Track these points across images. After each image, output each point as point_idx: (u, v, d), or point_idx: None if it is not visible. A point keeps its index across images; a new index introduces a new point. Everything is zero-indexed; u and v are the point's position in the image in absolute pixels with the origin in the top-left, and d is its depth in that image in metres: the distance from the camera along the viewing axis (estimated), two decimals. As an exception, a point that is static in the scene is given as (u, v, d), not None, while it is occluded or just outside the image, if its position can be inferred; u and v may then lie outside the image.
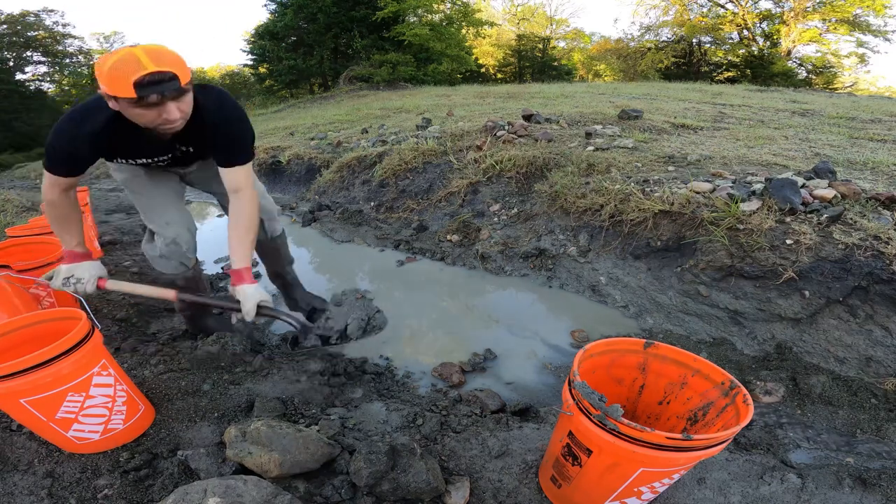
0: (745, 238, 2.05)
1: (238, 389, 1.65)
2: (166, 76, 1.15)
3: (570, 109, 5.30)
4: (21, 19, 24.20)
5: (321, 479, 1.27)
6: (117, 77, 1.13)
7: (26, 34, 24.68)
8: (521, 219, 3.15)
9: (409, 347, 2.10)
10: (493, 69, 27.21)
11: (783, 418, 1.60)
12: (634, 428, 0.89)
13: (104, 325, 2.11)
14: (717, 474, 1.31)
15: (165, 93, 1.17)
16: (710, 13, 20.97)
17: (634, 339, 1.22)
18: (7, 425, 1.42)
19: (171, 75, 1.16)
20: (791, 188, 2.13)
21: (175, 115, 1.24)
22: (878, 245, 1.81)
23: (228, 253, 1.53)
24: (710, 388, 1.12)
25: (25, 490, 1.22)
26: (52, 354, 1.14)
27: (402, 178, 3.99)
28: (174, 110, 1.23)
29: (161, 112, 1.21)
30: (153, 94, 1.15)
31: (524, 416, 1.64)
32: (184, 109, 1.27)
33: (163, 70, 1.14)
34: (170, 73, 1.16)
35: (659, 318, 2.26)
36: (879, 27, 17.75)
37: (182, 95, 1.23)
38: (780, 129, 4.20)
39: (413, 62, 17.00)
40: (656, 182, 2.65)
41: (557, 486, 1.18)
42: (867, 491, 1.27)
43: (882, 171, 2.62)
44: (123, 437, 1.37)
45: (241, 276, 1.51)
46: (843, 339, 1.80)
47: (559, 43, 29.09)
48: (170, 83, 1.17)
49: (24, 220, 3.55)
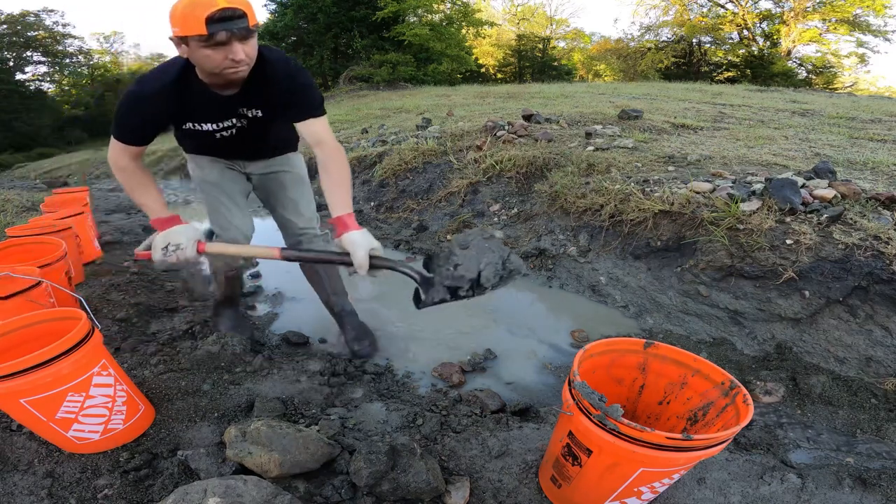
0: (745, 238, 2.05)
1: (238, 389, 1.65)
2: (236, 13, 1.18)
3: (570, 109, 5.30)
4: (21, 19, 24.21)
5: (321, 479, 1.26)
6: (190, 14, 1.17)
7: (26, 34, 24.70)
8: (521, 219, 3.15)
9: (409, 347, 2.10)
10: (493, 69, 27.22)
11: (783, 418, 1.60)
12: (634, 428, 0.89)
13: (104, 325, 2.10)
14: (717, 474, 1.31)
15: (234, 30, 1.19)
16: (710, 13, 20.98)
17: (634, 339, 1.22)
18: (7, 425, 1.42)
19: (240, 12, 1.19)
20: (791, 188, 2.13)
21: (240, 55, 1.24)
22: (878, 245, 1.81)
23: (328, 203, 1.44)
24: (710, 388, 1.12)
25: (25, 490, 1.22)
26: (52, 354, 1.14)
27: (402, 178, 3.99)
28: (240, 51, 1.24)
29: (227, 53, 1.23)
30: (222, 32, 1.18)
31: (524, 416, 1.64)
32: (249, 53, 1.28)
33: (233, 7, 1.18)
34: (239, 10, 1.19)
35: (659, 318, 2.26)
36: (879, 27, 17.78)
37: (249, 37, 1.25)
38: (780, 129, 4.20)
39: (413, 62, 17.01)
40: (656, 182, 2.65)
41: (557, 486, 1.18)
42: (867, 491, 1.27)
43: (882, 171, 2.62)
44: (123, 437, 1.37)
45: (345, 224, 1.37)
46: (843, 339, 1.80)
47: (559, 43, 29.10)
48: (239, 20, 1.19)
49: (24, 220, 3.55)
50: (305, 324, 2.30)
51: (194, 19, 1.16)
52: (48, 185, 7.10)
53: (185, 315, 2.31)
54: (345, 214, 1.40)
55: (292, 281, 2.32)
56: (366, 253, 1.33)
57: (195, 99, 1.41)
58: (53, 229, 2.42)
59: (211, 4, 1.16)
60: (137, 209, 5.00)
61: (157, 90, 1.35)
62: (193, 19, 1.17)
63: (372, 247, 1.35)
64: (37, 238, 2.25)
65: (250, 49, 1.28)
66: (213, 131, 1.53)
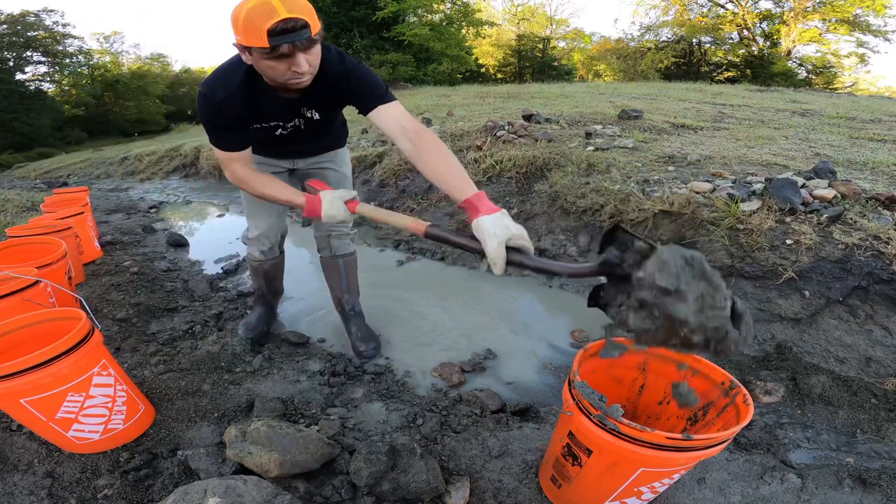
0: (745, 238, 2.05)
1: (238, 389, 1.65)
2: (299, 23, 1.12)
3: (570, 109, 5.30)
4: (21, 19, 24.22)
5: (321, 479, 1.27)
6: (251, 26, 1.11)
7: (26, 34, 24.70)
8: (521, 219, 3.15)
9: (409, 347, 2.10)
10: (493, 69, 27.23)
11: (783, 418, 1.60)
12: (635, 428, 0.89)
13: (104, 325, 2.11)
14: (717, 474, 1.31)
15: (297, 42, 1.14)
16: (710, 13, 20.99)
17: (634, 339, 1.21)
18: (7, 425, 1.42)
19: (302, 23, 1.12)
20: (791, 188, 2.13)
21: (304, 66, 1.20)
22: (878, 245, 1.81)
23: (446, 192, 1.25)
24: (710, 388, 1.12)
25: (25, 490, 1.22)
26: (52, 354, 1.15)
27: (402, 178, 3.99)
28: (303, 62, 1.19)
29: (291, 64, 1.19)
30: (285, 45, 1.12)
31: (524, 416, 1.64)
32: (312, 62, 1.23)
33: (295, 17, 1.11)
34: (302, 20, 1.12)
35: (659, 318, 2.26)
36: (879, 27, 17.79)
37: (311, 46, 1.19)
38: (780, 129, 4.20)
39: (413, 62, 17.01)
40: (656, 182, 2.65)
41: (557, 486, 1.18)
42: (867, 491, 1.27)
43: (882, 171, 2.62)
44: (123, 437, 1.37)
45: (475, 207, 1.10)
46: (843, 339, 1.80)
47: (559, 43, 29.12)
48: (301, 32, 1.13)
49: (24, 220, 3.55)
50: (305, 324, 2.30)
51: (256, 30, 1.11)
52: (48, 185, 7.10)
53: (185, 315, 2.31)
54: (472, 196, 1.13)
55: (292, 281, 2.32)
56: (500, 245, 1.02)
57: (263, 102, 1.39)
58: (53, 229, 2.43)
59: (272, 14, 1.09)
60: (137, 209, 5.01)
61: (225, 98, 1.33)
62: (255, 30, 1.11)
63: (509, 236, 1.03)
64: (37, 238, 2.25)
65: (314, 58, 1.23)
66: (274, 127, 1.52)
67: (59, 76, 28.02)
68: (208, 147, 6.70)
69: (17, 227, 2.53)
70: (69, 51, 27.24)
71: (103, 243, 3.42)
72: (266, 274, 2.05)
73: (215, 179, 6.19)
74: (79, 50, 27.93)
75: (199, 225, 4.44)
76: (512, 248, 1.03)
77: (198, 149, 6.91)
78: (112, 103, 29.91)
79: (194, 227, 4.37)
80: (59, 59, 27.07)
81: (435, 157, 1.28)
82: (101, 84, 29.24)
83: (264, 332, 2.11)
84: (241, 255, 3.22)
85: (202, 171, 6.48)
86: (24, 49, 25.24)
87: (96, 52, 30.36)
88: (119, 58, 32.17)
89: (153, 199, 5.61)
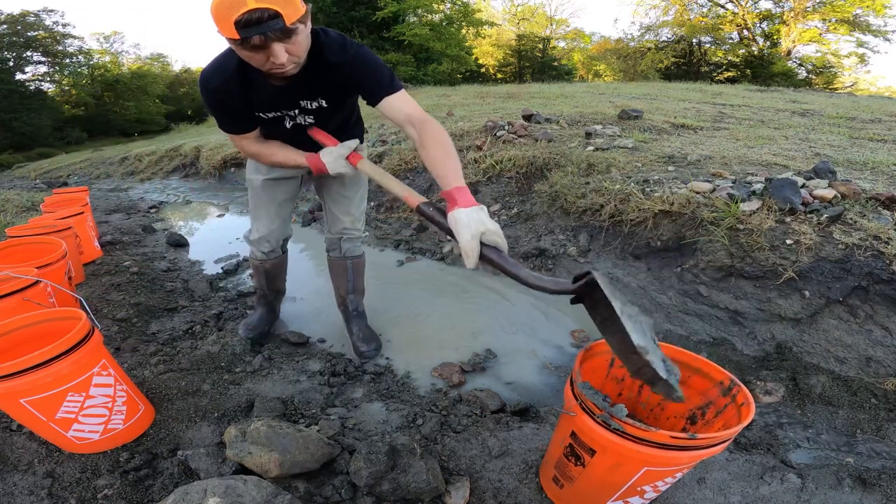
0: (745, 238, 2.05)
1: (238, 389, 1.65)
2: (265, 14, 1.03)
3: (570, 109, 5.30)
4: (21, 19, 24.21)
5: (321, 479, 1.26)
6: (220, 16, 1.05)
7: (26, 34, 24.69)
8: (521, 219, 3.15)
9: (409, 347, 2.10)
10: (493, 69, 27.24)
11: (783, 418, 1.60)
12: (640, 428, 0.89)
13: (104, 325, 2.10)
14: (717, 474, 1.31)
15: (268, 33, 1.06)
16: (710, 13, 21.00)
17: (635, 339, 1.21)
18: (7, 425, 1.42)
19: (272, 13, 1.03)
20: (791, 188, 2.13)
21: (282, 57, 1.12)
22: (878, 245, 1.81)
23: (435, 180, 1.25)
24: (710, 387, 1.12)
25: (25, 490, 1.22)
26: (52, 354, 1.14)
27: (403, 178, 3.99)
28: (281, 53, 1.11)
29: (268, 55, 1.12)
30: (255, 36, 1.05)
31: (524, 416, 1.63)
32: (295, 51, 1.15)
33: (263, 6, 1.02)
34: (271, 10, 1.03)
35: (659, 318, 2.26)
36: (879, 27, 17.80)
37: (289, 36, 1.10)
38: (780, 129, 4.20)
39: (413, 62, 17.02)
40: (656, 182, 2.65)
41: (559, 486, 1.18)
42: (867, 491, 1.27)
43: (882, 171, 2.62)
44: (123, 437, 1.37)
45: (453, 199, 1.12)
46: (843, 339, 1.80)
47: (559, 43, 29.14)
48: (272, 22, 1.04)
49: (24, 220, 3.55)
50: (305, 324, 2.30)
51: (225, 21, 1.05)
52: (48, 185, 7.10)
53: (185, 315, 2.31)
54: (452, 189, 1.14)
55: (292, 281, 2.32)
56: (473, 239, 1.02)
57: (257, 91, 1.36)
58: (53, 229, 2.42)
59: (239, 4, 1.02)
60: (137, 209, 5.02)
61: (220, 84, 1.32)
62: (224, 21, 1.05)
63: (483, 231, 1.03)
64: (37, 238, 2.25)
65: (295, 47, 1.15)
66: (280, 118, 1.49)
67: (59, 76, 28.01)
68: (208, 147, 6.70)
69: (17, 227, 2.53)
70: (69, 51, 27.23)
71: (103, 243, 3.42)
72: (268, 273, 2.04)
73: (215, 179, 6.19)
74: (79, 50, 27.92)
75: (199, 225, 4.44)
76: (487, 245, 1.04)
77: (198, 149, 6.91)
78: (112, 103, 29.87)
79: (194, 227, 4.37)
80: (59, 59, 27.05)
81: (435, 145, 1.29)
82: (101, 84, 29.24)
83: (265, 333, 2.11)
84: (241, 255, 3.22)
85: (202, 171, 6.48)
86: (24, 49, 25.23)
87: (96, 52, 30.35)
88: (119, 58, 32.16)
89: (153, 199, 5.61)
